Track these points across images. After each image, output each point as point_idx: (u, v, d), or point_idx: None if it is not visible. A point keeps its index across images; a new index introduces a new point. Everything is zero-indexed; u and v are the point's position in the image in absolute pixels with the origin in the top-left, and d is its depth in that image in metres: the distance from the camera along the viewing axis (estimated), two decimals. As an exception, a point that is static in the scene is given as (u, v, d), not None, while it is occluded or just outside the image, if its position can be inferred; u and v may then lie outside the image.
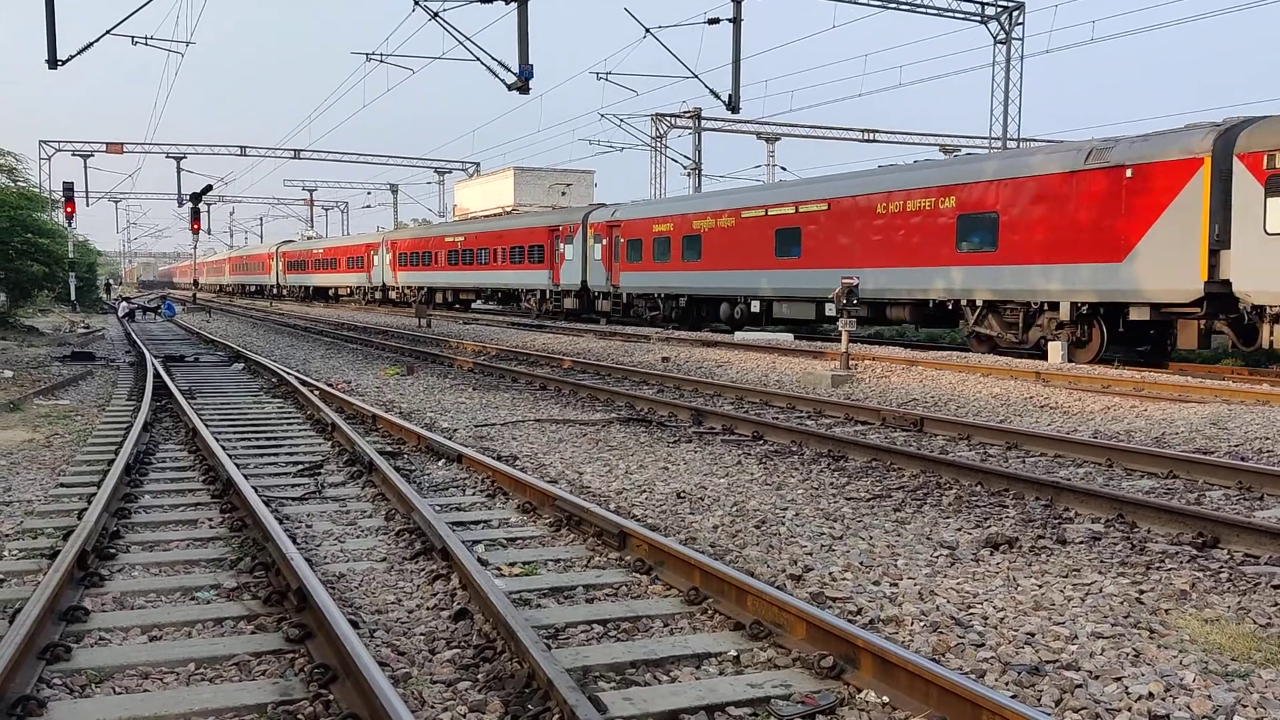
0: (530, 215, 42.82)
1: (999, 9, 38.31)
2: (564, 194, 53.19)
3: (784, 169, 53.50)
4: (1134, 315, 18.19)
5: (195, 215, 54.34)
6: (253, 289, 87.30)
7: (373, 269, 57.70)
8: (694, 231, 29.73)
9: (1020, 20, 38.56)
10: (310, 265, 69.33)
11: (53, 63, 23.41)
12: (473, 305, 49.53)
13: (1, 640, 4.68)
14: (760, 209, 27.11)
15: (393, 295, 55.19)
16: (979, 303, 21.04)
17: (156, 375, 17.47)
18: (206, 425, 11.89)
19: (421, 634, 5.33)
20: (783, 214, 26.18)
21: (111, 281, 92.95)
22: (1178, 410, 12.59)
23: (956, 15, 38.10)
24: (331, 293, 67.80)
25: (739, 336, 25.50)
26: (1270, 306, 16.16)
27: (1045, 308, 19.73)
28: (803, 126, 55.13)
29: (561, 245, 37.16)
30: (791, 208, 25.83)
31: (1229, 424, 11.50)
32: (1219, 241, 16.69)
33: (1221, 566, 6.45)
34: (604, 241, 34.50)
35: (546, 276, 38.27)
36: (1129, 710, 4.29)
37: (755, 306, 27.25)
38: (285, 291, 75.23)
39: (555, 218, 38.95)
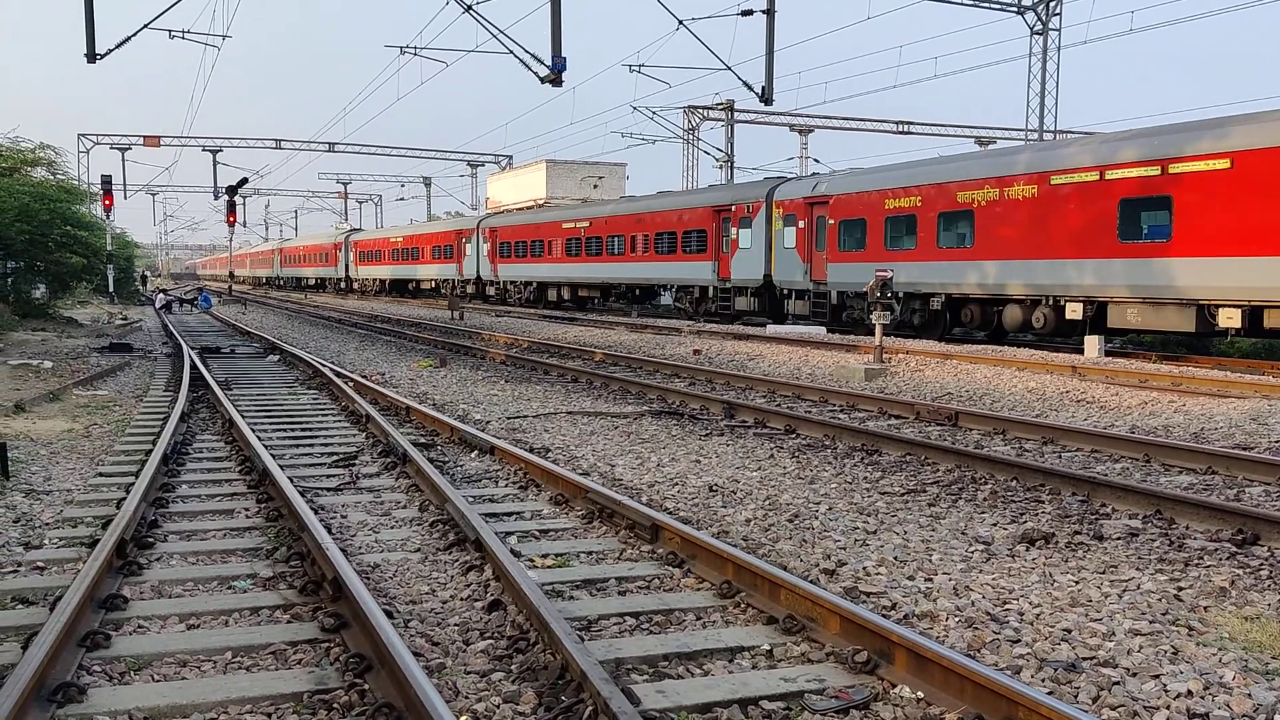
0: (687, 194, 34.40)
1: (1036, -1, 37.91)
2: (595, 186, 53.23)
3: (817, 160, 53.30)
4: None
5: (231, 208, 54.87)
6: (311, 283, 78.11)
7: (464, 260, 49.01)
8: (959, 206, 21.82)
9: (1058, 11, 38.17)
10: (386, 255, 60.44)
11: (91, 57, 23.67)
12: (588, 305, 42.14)
13: (43, 628, 4.75)
14: (1090, 171, 19.14)
15: (491, 291, 47.10)
16: None
17: (193, 366, 17.66)
18: (242, 416, 12.00)
19: (455, 625, 5.36)
20: (1134, 176, 18.29)
21: (149, 274, 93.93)
22: (1217, 405, 12.43)
23: (993, 6, 37.76)
24: (412, 287, 59.57)
25: (771, 330, 25.37)
26: None
27: None
28: (837, 118, 54.87)
29: (734, 230, 29.09)
30: (1155, 168, 17.89)
31: (1269, 419, 11.34)
32: None
33: (1261, 563, 6.36)
34: (800, 224, 26.59)
35: (710, 269, 30.36)
36: (1167, 708, 4.24)
37: (1074, 310, 19.50)
38: (356, 285, 66.85)
39: (723, 194, 30.79)
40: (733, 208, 29.34)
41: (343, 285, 69.05)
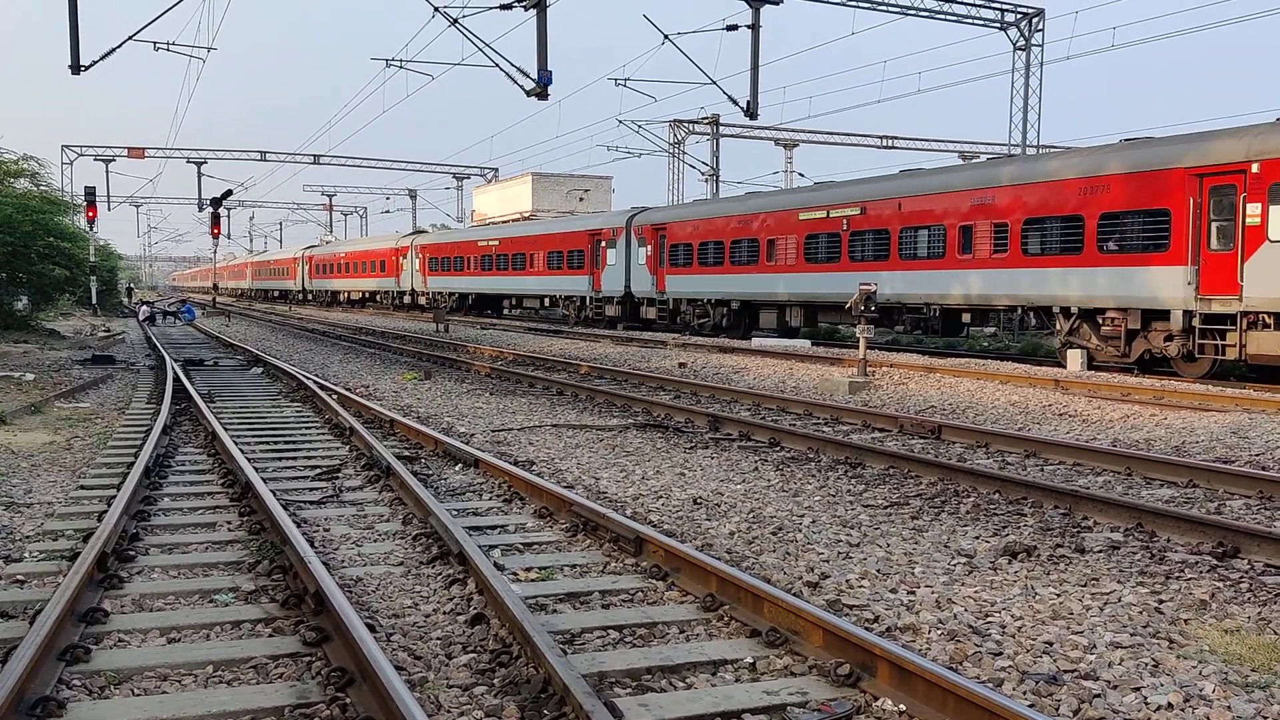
0: (1107, 150, 19.48)
1: (1019, 15, 38.21)
2: (581, 199, 53.27)
3: (802, 175, 53.53)
4: None
5: (215, 220, 54.75)
6: (357, 297, 64.30)
7: (605, 269, 35.52)
8: None
9: (1040, 27, 38.47)
10: (472, 264, 46.52)
11: (75, 68, 23.62)
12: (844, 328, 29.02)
13: (22, 641, 4.72)
14: None
15: (651, 314, 33.26)
16: None
17: (176, 379, 17.58)
18: (225, 429, 11.95)
19: (438, 638, 5.34)
20: None
21: (133, 286, 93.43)
22: (1198, 419, 12.51)
23: (976, 22, 38.02)
24: (510, 304, 45.34)
25: (756, 343, 25.42)
26: None
27: None
28: (821, 133, 55.13)
29: (1252, 208, 16.23)
30: None
31: (1250, 433, 11.42)
32: None
33: (1242, 576, 6.40)
34: None
35: (1179, 280, 17.27)
36: (1148, 721, 4.27)
37: None
38: (424, 300, 53.15)
39: (1222, 144, 16.96)
40: (1252, 168, 16.17)
41: (406, 300, 56.13)
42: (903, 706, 4.38)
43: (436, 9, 23.75)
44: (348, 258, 64.88)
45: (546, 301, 41.57)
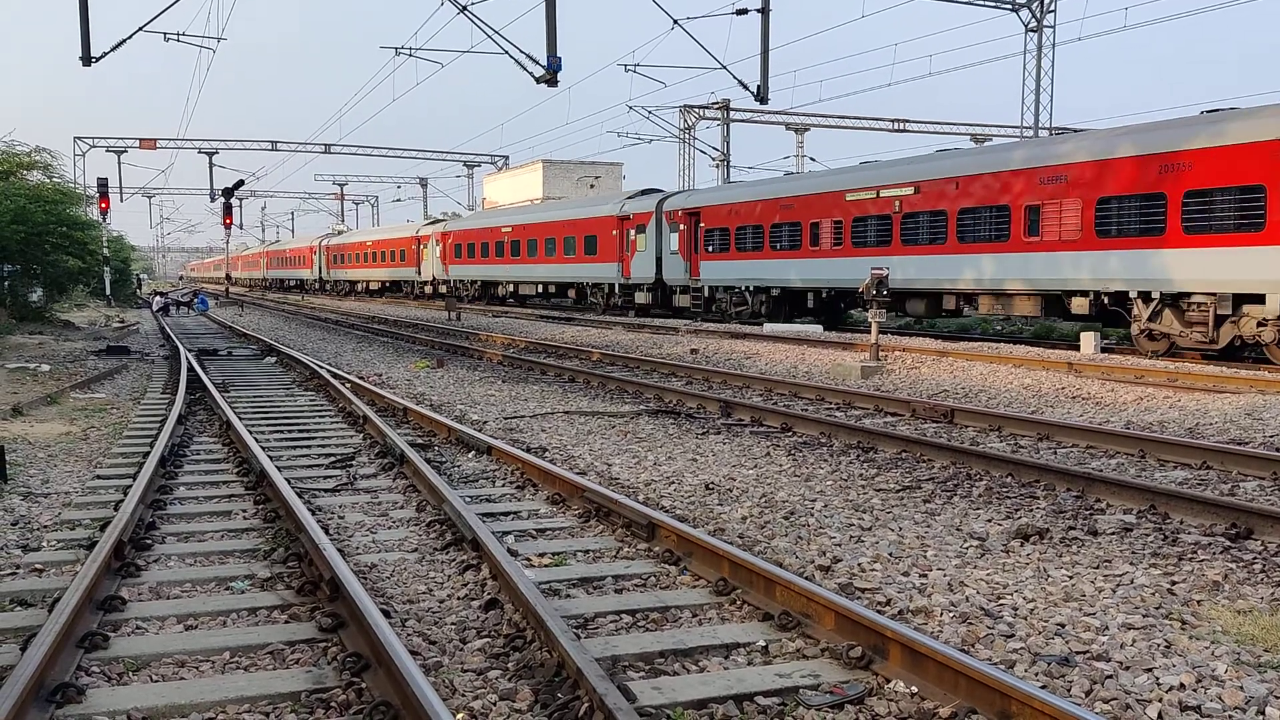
0: None
1: (1030, -4, 37.96)
2: (592, 186, 53.12)
3: (813, 159, 53.35)
4: None
5: (227, 210, 54.88)
6: (530, 291, 43.71)
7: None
8: None
9: (1052, 8, 38.22)
10: (828, 236, 25.67)
11: (86, 60, 23.69)
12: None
13: (41, 629, 4.78)
14: None
15: None
16: None
17: (190, 369, 17.66)
18: (240, 418, 12.01)
19: (452, 623, 5.38)
20: None
21: (145, 277, 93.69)
22: (1212, 401, 12.47)
23: (987, 3, 37.80)
24: (966, 307, 22.97)
25: (768, 328, 25.38)
26: None
27: None
28: (832, 117, 54.90)
29: None
30: None
31: (1264, 414, 11.37)
32: None
33: (1255, 558, 6.39)
34: None
35: None
36: (1160, 701, 4.27)
37: None
38: (700, 299, 31.43)
39: None
40: None
41: (641, 299, 34.62)
42: (914, 688, 4.40)
43: (445, -4, 23.70)
44: (516, 233, 42.63)
45: (1036, 304, 20.74)
